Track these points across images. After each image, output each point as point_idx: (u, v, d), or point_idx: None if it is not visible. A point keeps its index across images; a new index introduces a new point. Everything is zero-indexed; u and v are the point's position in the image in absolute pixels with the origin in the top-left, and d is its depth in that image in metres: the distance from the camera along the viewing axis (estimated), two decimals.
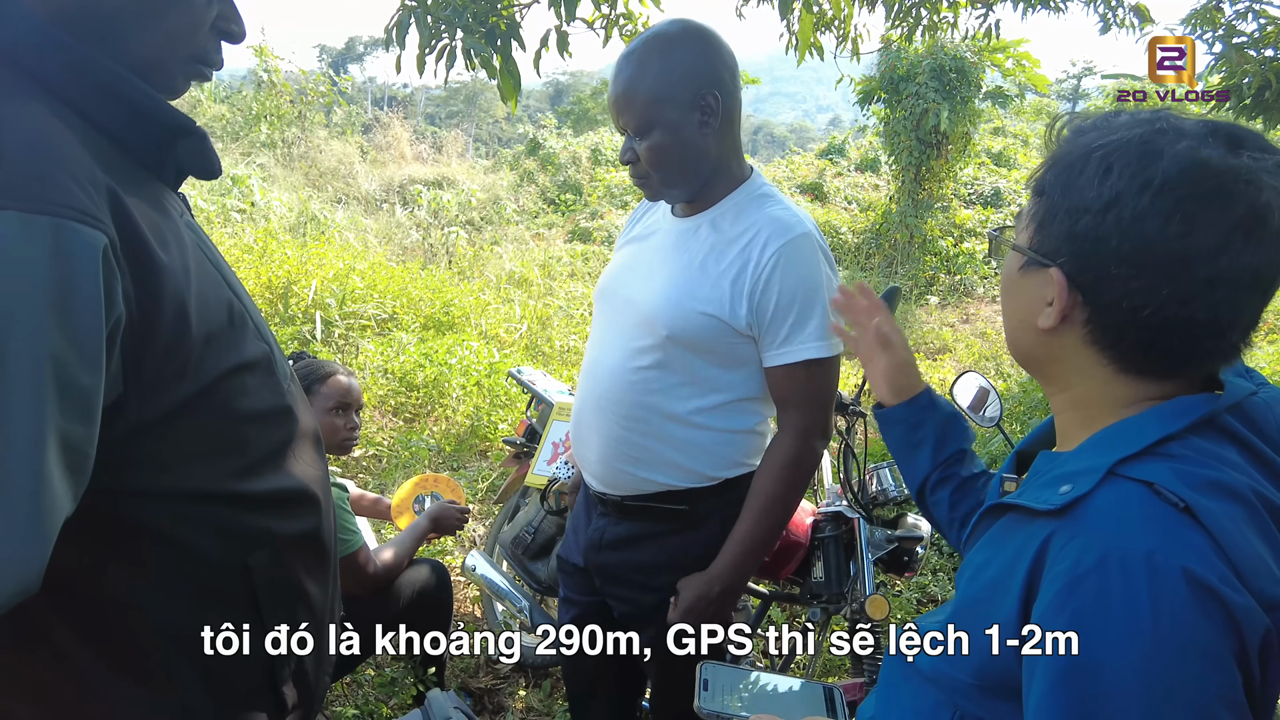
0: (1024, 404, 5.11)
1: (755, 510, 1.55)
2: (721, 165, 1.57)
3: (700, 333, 1.53)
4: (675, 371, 1.58)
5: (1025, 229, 0.85)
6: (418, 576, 2.32)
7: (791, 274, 1.48)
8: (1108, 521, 0.72)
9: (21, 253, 0.73)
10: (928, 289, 10.99)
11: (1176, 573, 0.66)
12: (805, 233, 1.51)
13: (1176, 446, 0.76)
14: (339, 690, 2.53)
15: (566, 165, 15.95)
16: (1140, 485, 0.73)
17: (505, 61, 3.58)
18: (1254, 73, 4.69)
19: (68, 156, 0.79)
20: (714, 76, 1.51)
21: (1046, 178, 0.83)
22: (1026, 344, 0.88)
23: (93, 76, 0.86)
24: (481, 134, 34.09)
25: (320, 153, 13.73)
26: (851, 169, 16.53)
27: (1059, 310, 0.81)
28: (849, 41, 5.15)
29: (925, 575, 3.38)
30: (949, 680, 0.85)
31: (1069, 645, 0.68)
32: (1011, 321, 0.89)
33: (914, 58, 11.64)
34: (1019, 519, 0.82)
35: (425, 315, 7.00)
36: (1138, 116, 0.78)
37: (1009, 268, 0.88)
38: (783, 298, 1.49)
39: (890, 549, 2.16)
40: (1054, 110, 23.40)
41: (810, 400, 1.55)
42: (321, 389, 2.18)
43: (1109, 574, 0.68)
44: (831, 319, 1.51)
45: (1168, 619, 0.65)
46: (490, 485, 4.25)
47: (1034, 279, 0.83)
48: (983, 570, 0.84)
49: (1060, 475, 0.80)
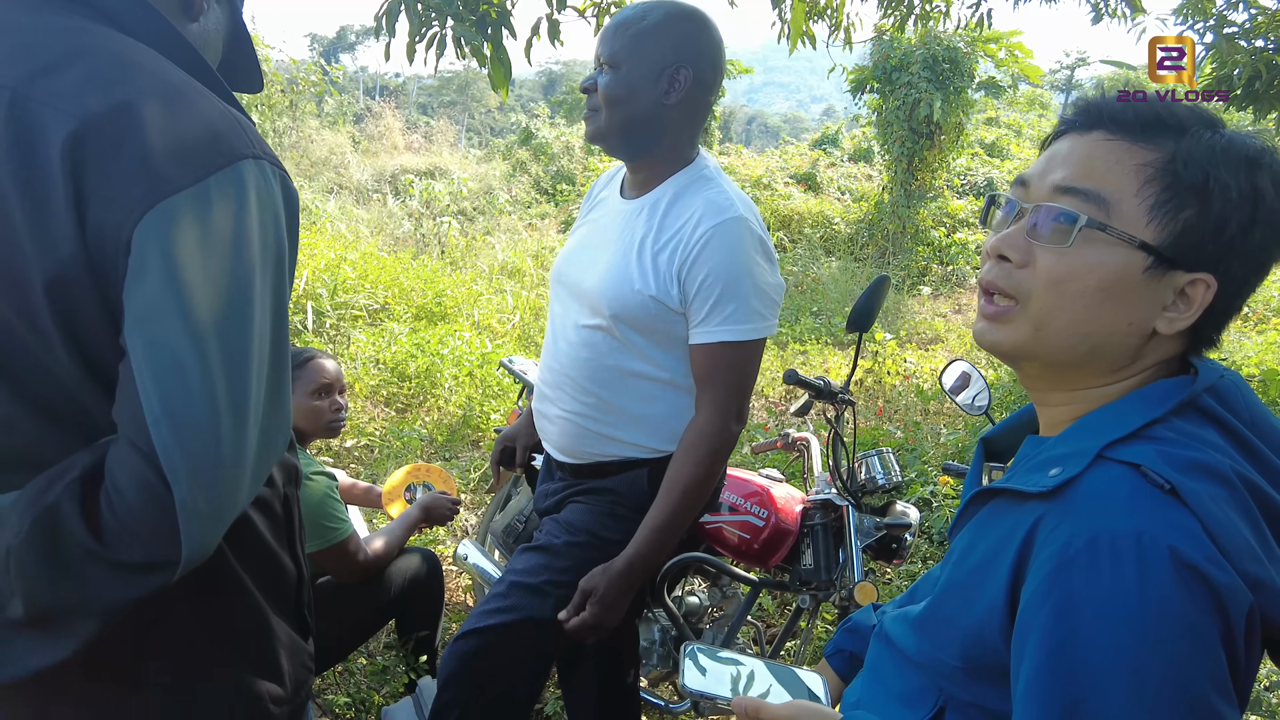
0: (1014, 393, 5.13)
1: (667, 493, 1.57)
2: (672, 146, 1.62)
3: (640, 313, 1.58)
4: (623, 349, 1.62)
5: (1145, 223, 0.77)
6: (409, 565, 2.33)
7: (717, 255, 1.51)
8: (1097, 504, 0.73)
9: (273, 199, 0.84)
10: (920, 279, 11.00)
11: (1164, 553, 0.67)
12: (737, 216, 1.53)
13: (1161, 429, 0.77)
14: (331, 678, 2.54)
15: (559, 155, 15.89)
16: (1128, 468, 0.74)
17: (496, 50, 3.56)
18: (1244, 63, 4.71)
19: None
20: (696, 58, 1.57)
21: (1194, 175, 0.76)
22: (1116, 346, 0.81)
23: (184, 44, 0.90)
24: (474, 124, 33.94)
25: (312, 142, 13.66)
26: (845, 159, 16.52)
27: (1193, 317, 0.79)
28: (841, 30, 5.14)
29: (914, 563, 3.40)
30: (935, 663, 0.86)
31: (1059, 626, 0.69)
32: (1105, 323, 0.79)
33: (907, 47, 11.63)
34: (1007, 503, 0.83)
35: (417, 305, 6.98)
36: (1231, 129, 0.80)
37: (1112, 263, 0.77)
38: (707, 278, 1.52)
39: (879, 536, 2.17)
40: (1047, 101, 23.40)
41: (725, 383, 1.56)
42: (302, 373, 2.18)
43: (1099, 555, 0.69)
44: (757, 307, 1.53)
45: (1155, 598, 0.66)
46: (482, 475, 4.25)
47: (1160, 282, 0.77)
48: (968, 554, 0.85)
49: (1049, 459, 0.80)
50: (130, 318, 0.74)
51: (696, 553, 2.34)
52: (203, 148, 0.78)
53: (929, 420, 5.34)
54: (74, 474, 0.76)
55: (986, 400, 2.01)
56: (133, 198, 0.74)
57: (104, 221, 0.74)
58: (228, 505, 0.79)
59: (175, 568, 0.77)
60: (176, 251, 0.74)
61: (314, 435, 2.23)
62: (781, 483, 2.43)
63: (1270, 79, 4.74)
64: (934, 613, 0.88)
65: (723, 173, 1.65)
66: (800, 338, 7.75)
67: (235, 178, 0.79)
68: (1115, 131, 0.80)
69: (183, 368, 0.74)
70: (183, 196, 0.75)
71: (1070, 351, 0.81)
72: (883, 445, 3.65)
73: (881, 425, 4.95)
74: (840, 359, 7.02)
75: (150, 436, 0.73)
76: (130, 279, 0.74)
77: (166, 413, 0.74)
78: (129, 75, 0.78)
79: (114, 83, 0.77)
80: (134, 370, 0.74)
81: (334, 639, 2.20)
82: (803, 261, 10.94)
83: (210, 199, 0.77)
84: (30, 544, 0.74)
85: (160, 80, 0.79)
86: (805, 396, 2.39)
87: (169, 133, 0.77)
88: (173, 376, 0.74)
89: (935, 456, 4.38)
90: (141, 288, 0.74)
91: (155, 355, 0.74)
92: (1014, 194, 0.86)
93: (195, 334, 0.75)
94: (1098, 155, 0.79)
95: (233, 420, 0.77)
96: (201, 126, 0.79)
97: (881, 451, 2.29)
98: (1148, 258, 0.76)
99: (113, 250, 0.74)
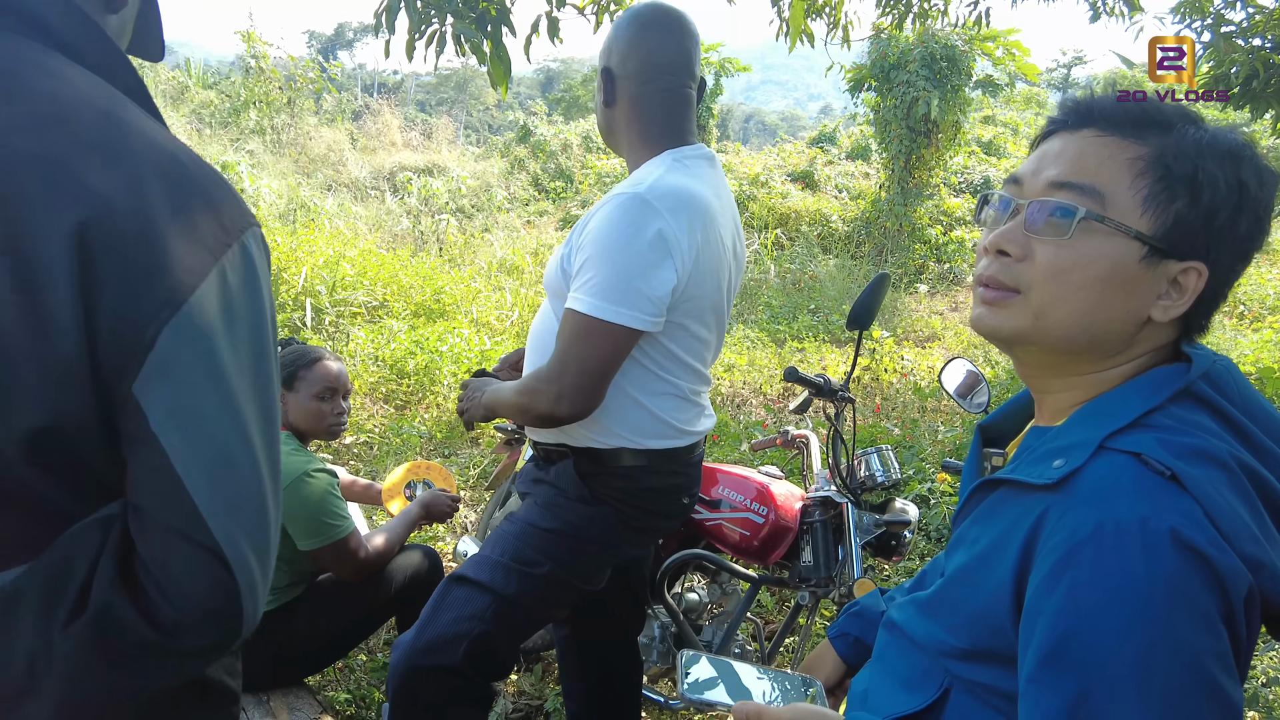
0: (1012, 390, 5.14)
1: (509, 386, 1.64)
2: (635, 143, 1.64)
3: (552, 279, 1.61)
4: (557, 321, 1.60)
5: (1139, 214, 0.80)
6: (410, 562, 2.33)
7: (599, 224, 1.48)
8: (1101, 493, 0.75)
9: (267, 263, 0.83)
10: (917, 277, 11.02)
11: (1166, 536, 0.69)
12: (636, 194, 1.47)
13: (1159, 416, 0.80)
14: (331, 674, 2.55)
15: (557, 152, 15.88)
16: (1129, 457, 0.76)
17: (495, 47, 3.56)
18: (1242, 62, 4.72)
19: None
20: (608, 56, 1.63)
21: (1184, 168, 0.79)
22: (1113, 333, 0.83)
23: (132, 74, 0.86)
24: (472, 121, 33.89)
25: (310, 139, 13.63)
26: (842, 157, 16.51)
27: (1186, 304, 0.81)
28: (839, 28, 5.14)
29: (913, 559, 3.41)
30: (940, 646, 0.88)
31: (1067, 610, 0.71)
32: (1104, 311, 0.82)
33: (905, 46, 11.63)
34: (1012, 493, 0.85)
35: (416, 303, 6.99)
36: (1211, 124, 0.83)
37: (1110, 254, 0.80)
38: (583, 243, 1.50)
39: (878, 533, 2.18)
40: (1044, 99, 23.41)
41: (561, 351, 1.49)
42: (308, 374, 2.19)
43: (1104, 541, 0.71)
44: (615, 286, 1.44)
45: (1161, 580, 0.68)
46: (482, 472, 4.26)
47: (1155, 271, 0.80)
48: (975, 543, 0.87)
49: (1052, 450, 0.82)
50: (161, 413, 0.72)
51: (696, 550, 2.35)
52: (212, 227, 0.76)
53: (926, 418, 5.35)
54: (110, 570, 0.73)
55: (986, 398, 2.01)
56: (158, 295, 0.71)
57: (121, 318, 0.71)
58: (269, 576, 0.81)
59: (236, 641, 0.79)
60: (210, 348, 0.74)
61: (314, 436, 2.24)
62: (781, 480, 2.43)
63: (1268, 78, 4.76)
64: (941, 597, 0.91)
65: (688, 164, 1.59)
66: (798, 335, 7.76)
67: (243, 254, 0.78)
68: (1106, 128, 0.83)
69: (234, 462, 0.75)
70: (206, 288, 0.74)
71: (1069, 339, 0.84)
72: (881, 443, 3.66)
73: (879, 423, 4.96)
74: (838, 356, 7.03)
75: (210, 529, 0.73)
76: (155, 376, 0.72)
77: (227, 506, 0.74)
78: (127, 142, 0.74)
79: (117, 156, 0.73)
80: (175, 466, 0.72)
81: (335, 635, 2.21)
82: (800, 259, 10.95)
83: (228, 283, 0.76)
84: (84, 649, 0.72)
85: (159, 151, 0.76)
86: (804, 394, 2.40)
87: (181, 216, 0.74)
88: (226, 472, 0.75)
89: (933, 454, 4.39)
90: (178, 387, 0.73)
91: (205, 452, 0.74)
92: (1008, 191, 0.88)
93: (241, 429, 0.76)
94: (1090, 151, 0.82)
95: (274, 496, 0.80)
96: (204, 201, 0.77)
97: (881, 449, 2.29)
98: (1143, 247, 0.79)
99: (131, 346, 0.71)
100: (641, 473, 1.65)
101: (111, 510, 0.76)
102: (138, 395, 0.72)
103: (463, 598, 1.62)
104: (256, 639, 2.17)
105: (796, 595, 2.26)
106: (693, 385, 1.67)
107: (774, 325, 8.13)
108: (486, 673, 1.64)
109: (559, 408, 1.49)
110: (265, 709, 2.04)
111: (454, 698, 1.62)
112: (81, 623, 0.72)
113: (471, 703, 1.66)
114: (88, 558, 0.74)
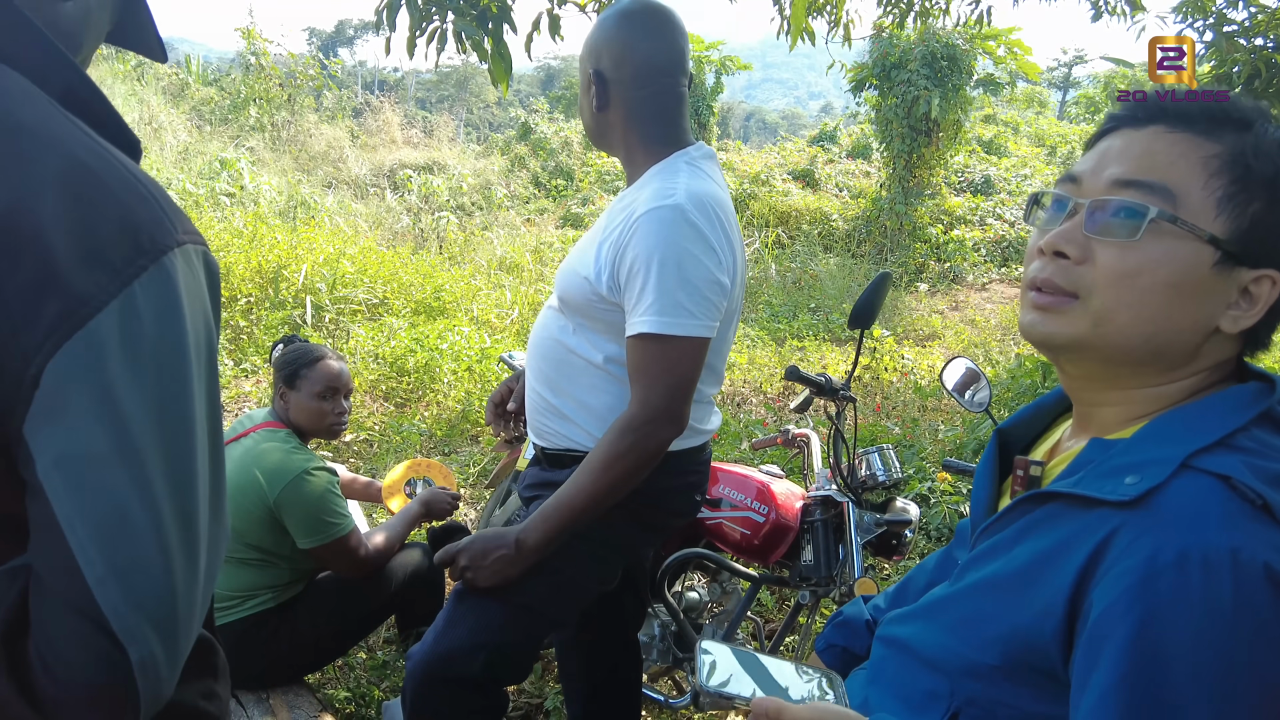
0: (1012, 390, 5.14)
1: (577, 474, 1.50)
2: (634, 146, 1.60)
3: (580, 299, 1.56)
4: (572, 334, 1.61)
5: (1214, 216, 0.75)
6: (410, 560, 2.33)
7: (645, 242, 1.43)
8: (1186, 517, 0.69)
9: (199, 288, 0.73)
10: (917, 276, 11.01)
11: (1260, 571, 0.65)
12: (674, 204, 1.44)
13: (1243, 438, 0.74)
14: (331, 673, 2.54)
15: (558, 150, 15.88)
16: (1216, 479, 0.71)
17: (496, 44, 3.56)
18: (1244, 61, 4.72)
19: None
20: (598, 60, 1.59)
21: (1265, 168, 0.75)
22: (1179, 343, 0.78)
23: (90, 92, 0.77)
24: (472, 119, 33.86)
25: (310, 137, 13.62)
26: (843, 156, 16.51)
27: (1257, 315, 0.76)
28: (841, 27, 5.14)
29: (913, 559, 3.41)
30: (960, 662, 0.83)
31: (1143, 639, 0.67)
32: (1172, 319, 0.77)
33: (906, 44, 11.62)
34: (1068, 507, 0.79)
35: (416, 300, 6.98)
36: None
37: (1182, 258, 0.75)
38: (633, 265, 1.45)
39: (879, 533, 2.18)
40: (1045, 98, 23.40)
41: (652, 379, 1.46)
42: (309, 373, 2.18)
43: (1189, 570, 0.67)
44: (683, 301, 1.42)
45: (1250, 617, 0.65)
46: (482, 470, 4.25)
47: (1227, 278, 0.75)
48: (1014, 557, 0.82)
49: (1123, 465, 0.77)
50: (47, 459, 0.63)
51: (697, 548, 2.35)
52: (122, 247, 0.65)
53: (927, 417, 5.35)
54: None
55: (987, 397, 2.01)
56: (43, 324, 0.62)
57: (1, 349, 0.62)
58: (185, 646, 0.70)
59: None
60: (105, 385, 0.63)
61: (314, 435, 2.23)
62: (781, 479, 2.43)
63: (1269, 77, 4.75)
64: (964, 610, 0.85)
65: (700, 166, 1.58)
66: (798, 334, 7.75)
67: (161, 277, 0.67)
68: (1177, 125, 0.78)
69: (126, 516, 0.64)
70: (106, 316, 0.63)
71: (1130, 349, 0.78)
72: (881, 442, 3.66)
73: (879, 422, 4.96)
74: (838, 355, 7.03)
75: (95, 597, 0.63)
76: (43, 417, 0.63)
77: (113, 570, 0.63)
78: (20, 151, 0.65)
79: (4, 166, 0.63)
80: (59, 520, 0.63)
81: (335, 633, 2.21)
82: (800, 258, 10.95)
83: (138, 312, 0.65)
84: None
85: (62, 157, 0.66)
86: (805, 393, 2.40)
87: (80, 233, 0.64)
88: (116, 527, 0.64)
89: (933, 453, 4.39)
90: (64, 429, 0.63)
91: (91, 504, 0.63)
92: (1063, 190, 0.83)
93: (140, 479, 0.65)
94: (1159, 149, 0.77)
95: (185, 559, 0.68)
96: (116, 217, 0.66)
97: (882, 448, 2.29)
98: (1216, 252, 0.74)
99: (13, 382, 0.62)
100: (658, 473, 1.62)
101: (22, 561, 0.67)
102: (27, 438, 0.63)
103: (479, 606, 1.57)
104: (256, 637, 2.17)
105: (797, 594, 2.26)
106: (710, 387, 1.68)
107: (774, 324, 8.13)
108: (505, 680, 1.63)
109: (667, 432, 1.48)
110: (265, 707, 2.04)
111: (471, 708, 1.60)
112: None
113: (487, 711, 1.63)
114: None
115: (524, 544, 1.49)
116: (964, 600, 0.86)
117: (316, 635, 2.15)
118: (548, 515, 1.50)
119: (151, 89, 12.86)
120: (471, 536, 1.54)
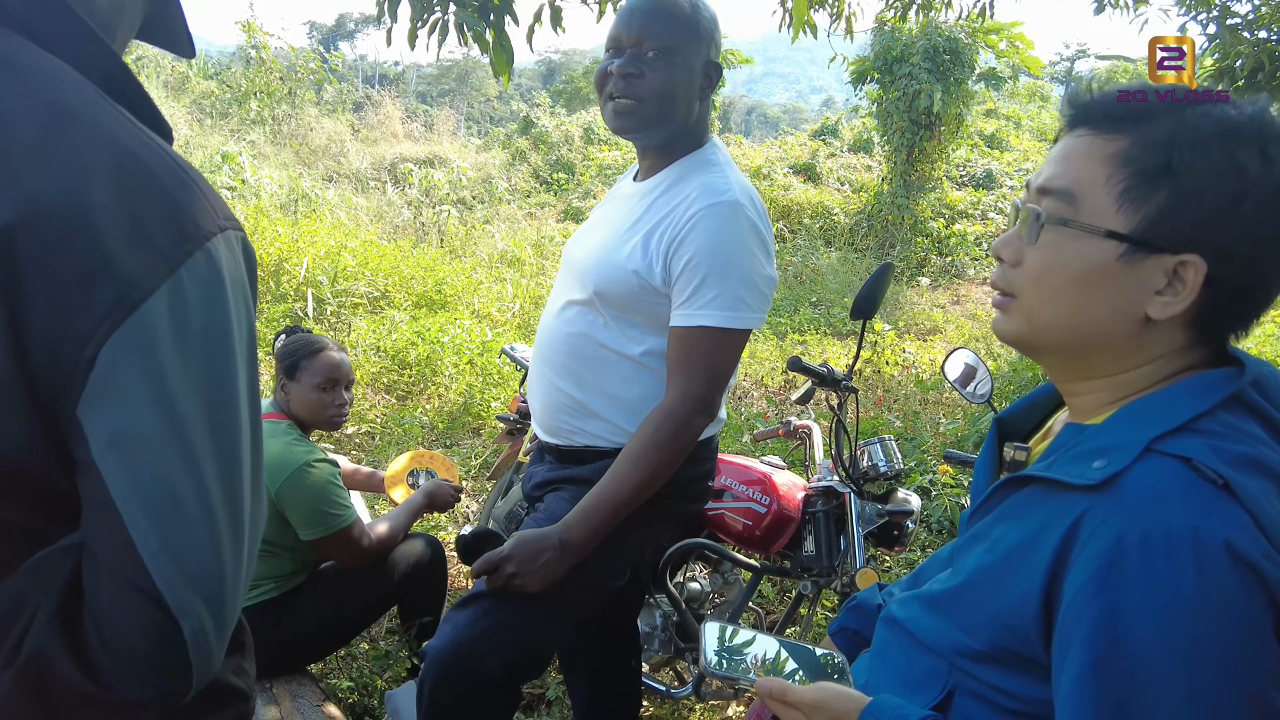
0: (1014, 382, 5.14)
1: (616, 468, 1.51)
2: (688, 132, 1.61)
3: (623, 290, 1.55)
4: (604, 327, 1.60)
5: (1114, 211, 0.78)
6: (413, 551, 2.34)
7: (706, 237, 1.48)
8: (1149, 499, 0.71)
9: (240, 273, 0.75)
10: (919, 270, 11.00)
11: (1220, 549, 0.67)
12: (733, 200, 1.50)
13: (1208, 422, 0.76)
14: (334, 663, 2.55)
15: (559, 144, 15.84)
16: (1178, 461, 0.73)
17: (498, 36, 3.55)
18: (1247, 55, 4.70)
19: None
20: (713, 49, 1.60)
21: (1154, 159, 0.76)
22: (1110, 334, 0.81)
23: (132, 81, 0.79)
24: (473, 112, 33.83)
25: (311, 130, 13.61)
26: (844, 150, 16.46)
27: (1187, 299, 0.77)
28: (843, 20, 5.12)
29: (914, 550, 3.41)
30: (954, 646, 0.86)
31: (1110, 622, 0.69)
32: (1090, 312, 0.80)
33: (908, 38, 11.59)
34: (1044, 491, 0.82)
35: (417, 294, 6.98)
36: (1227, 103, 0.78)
37: (1084, 255, 0.79)
38: (694, 258, 1.49)
39: (880, 523, 2.18)
40: (1047, 93, 23.34)
41: (697, 369, 1.50)
42: (310, 364, 2.18)
43: (1153, 551, 0.68)
44: (744, 295, 1.49)
45: (1214, 595, 0.66)
46: (484, 462, 4.26)
47: (1140, 268, 0.77)
48: (998, 542, 0.84)
49: (1091, 449, 0.79)
50: (101, 440, 0.65)
51: (699, 539, 2.35)
52: (169, 232, 0.67)
53: (928, 410, 5.35)
54: (48, 610, 0.67)
55: (989, 388, 2.02)
56: (97, 309, 0.64)
57: (56, 334, 0.64)
58: (231, 620, 0.73)
59: (185, 696, 0.72)
60: (156, 368, 0.66)
61: (315, 426, 2.23)
62: (783, 470, 2.43)
63: (1273, 71, 4.73)
64: (959, 596, 0.88)
65: (731, 161, 1.63)
66: (800, 328, 7.75)
67: (206, 262, 0.69)
68: (1089, 126, 0.82)
69: (179, 498, 0.67)
70: (156, 300, 0.65)
71: (1062, 341, 0.84)
72: (883, 434, 3.67)
73: (881, 415, 4.96)
74: (839, 349, 7.03)
75: (150, 573, 0.66)
76: (96, 399, 0.65)
77: (166, 546, 0.66)
78: (71, 138, 0.66)
79: (57, 152, 0.65)
80: (114, 498, 0.65)
81: (337, 624, 2.22)
82: (802, 252, 10.93)
83: (185, 296, 0.67)
84: (17, 694, 0.67)
85: (111, 145, 0.67)
86: (807, 384, 2.40)
87: (130, 219, 0.66)
88: (168, 504, 0.66)
89: (934, 445, 4.39)
90: (117, 410, 0.65)
91: (146, 485, 0.66)
92: (1021, 198, 0.88)
93: (189, 458, 0.68)
94: (1074, 152, 0.82)
95: (232, 537, 0.71)
96: (163, 204, 0.68)
97: (883, 439, 2.29)
98: (1119, 245, 0.78)
99: (68, 366, 0.64)
100: (684, 462, 1.61)
101: (75, 539, 0.69)
102: (81, 419, 0.65)
103: (503, 604, 1.54)
104: (259, 627, 2.18)
105: (798, 585, 2.27)
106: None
107: (775, 317, 8.12)
108: (523, 678, 1.64)
109: (703, 421, 1.52)
110: (268, 696, 2.05)
111: (487, 703, 1.59)
112: (15, 666, 0.66)
113: (502, 707, 1.63)
114: (40, 593, 0.68)
115: (569, 543, 1.48)
116: (959, 587, 0.88)
117: (319, 625, 2.16)
118: (589, 512, 1.50)
119: (152, 83, 12.84)
120: (512, 542, 1.50)
